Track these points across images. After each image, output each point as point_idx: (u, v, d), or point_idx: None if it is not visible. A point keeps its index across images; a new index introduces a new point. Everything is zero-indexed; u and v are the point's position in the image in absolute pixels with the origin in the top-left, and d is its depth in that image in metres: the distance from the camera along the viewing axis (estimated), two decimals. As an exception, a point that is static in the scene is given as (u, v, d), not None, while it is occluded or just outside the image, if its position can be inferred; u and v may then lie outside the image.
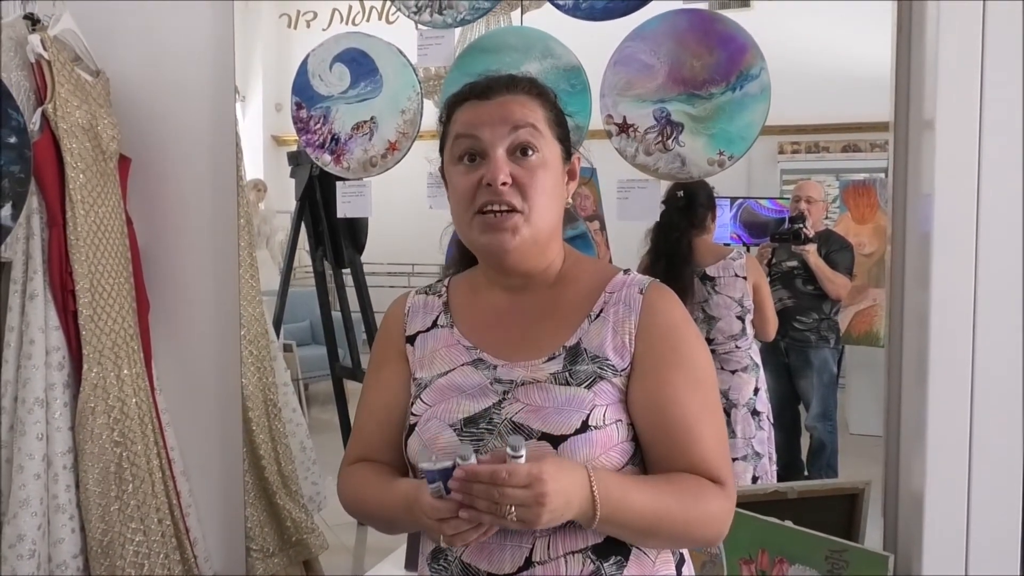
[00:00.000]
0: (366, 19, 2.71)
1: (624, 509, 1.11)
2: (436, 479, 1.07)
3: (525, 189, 1.20)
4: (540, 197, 1.21)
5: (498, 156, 1.20)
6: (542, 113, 1.25)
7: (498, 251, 1.22)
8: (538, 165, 1.21)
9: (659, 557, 1.23)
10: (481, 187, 1.20)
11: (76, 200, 2.18)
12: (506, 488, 1.03)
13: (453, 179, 1.25)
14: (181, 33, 2.43)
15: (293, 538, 2.55)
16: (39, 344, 2.14)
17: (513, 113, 1.21)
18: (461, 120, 1.24)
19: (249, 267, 2.51)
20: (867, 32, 2.31)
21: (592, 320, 1.24)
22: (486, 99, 1.23)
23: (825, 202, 2.64)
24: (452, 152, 1.25)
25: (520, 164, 1.21)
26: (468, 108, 1.25)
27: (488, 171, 1.19)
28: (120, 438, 2.24)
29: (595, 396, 1.17)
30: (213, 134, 2.44)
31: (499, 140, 1.20)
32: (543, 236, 1.24)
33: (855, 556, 1.82)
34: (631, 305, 1.24)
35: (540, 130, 1.23)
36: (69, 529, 2.14)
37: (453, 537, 1.09)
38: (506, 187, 1.19)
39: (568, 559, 1.16)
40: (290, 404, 2.69)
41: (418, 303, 1.38)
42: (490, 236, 1.21)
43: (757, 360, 2.50)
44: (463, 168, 1.23)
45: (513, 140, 1.21)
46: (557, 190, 1.25)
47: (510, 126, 1.21)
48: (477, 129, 1.21)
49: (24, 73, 2.19)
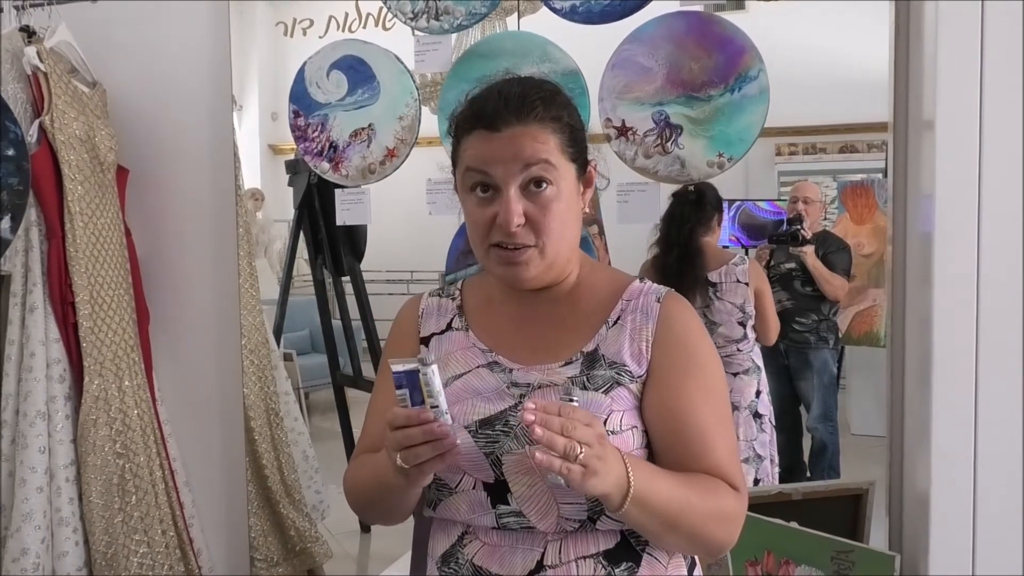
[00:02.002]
0: (363, 26, 2.69)
1: (652, 492, 1.09)
2: (402, 383, 1.06)
3: (539, 225, 1.19)
4: (554, 230, 1.20)
5: (511, 196, 1.18)
6: (555, 141, 1.20)
7: (513, 283, 1.23)
8: (552, 198, 1.20)
9: (672, 561, 1.23)
10: (496, 225, 1.19)
11: (75, 212, 2.18)
12: (576, 422, 1.01)
13: (467, 206, 1.24)
14: (177, 43, 2.43)
15: (297, 547, 2.54)
16: (40, 357, 2.14)
17: (524, 149, 1.18)
18: (471, 153, 1.21)
19: (249, 276, 2.50)
20: (863, 33, 2.30)
21: (610, 327, 1.25)
22: (495, 131, 1.19)
23: (823, 203, 2.63)
24: (464, 182, 1.23)
25: (533, 199, 1.19)
26: (477, 140, 1.21)
27: (501, 212, 1.18)
28: (122, 450, 2.23)
29: (612, 401, 1.18)
30: (210, 144, 2.44)
31: (511, 178, 1.18)
32: (560, 261, 1.24)
33: (861, 556, 1.82)
34: (648, 313, 1.24)
35: (553, 163, 1.19)
36: (73, 542, 2.14)
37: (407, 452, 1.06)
38: (519, 229, 1.18)
39: (579, 564, 1.16)
40: (292, 413, 2.69)
41: (432, 305, 1.37)
42: (505, 269, 1.22)
43: (759, 362, 2.49)
44: (476, 199, 1.22)
45: (526, 177, 1.19)
46: (573, 213, 1.24)
47: (522, 163, 1.18)
48: (488, 166, 1.19)
49: (21, 85, 2.19)
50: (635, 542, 1.19)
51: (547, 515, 1.16)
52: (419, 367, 1.05)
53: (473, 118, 1.22)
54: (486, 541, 1.20)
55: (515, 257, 1.20)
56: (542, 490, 1.15)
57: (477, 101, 1.23)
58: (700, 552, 1.28)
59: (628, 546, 1.19)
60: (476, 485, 1.19)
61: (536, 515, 1.16)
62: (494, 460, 1.17)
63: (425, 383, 1.05)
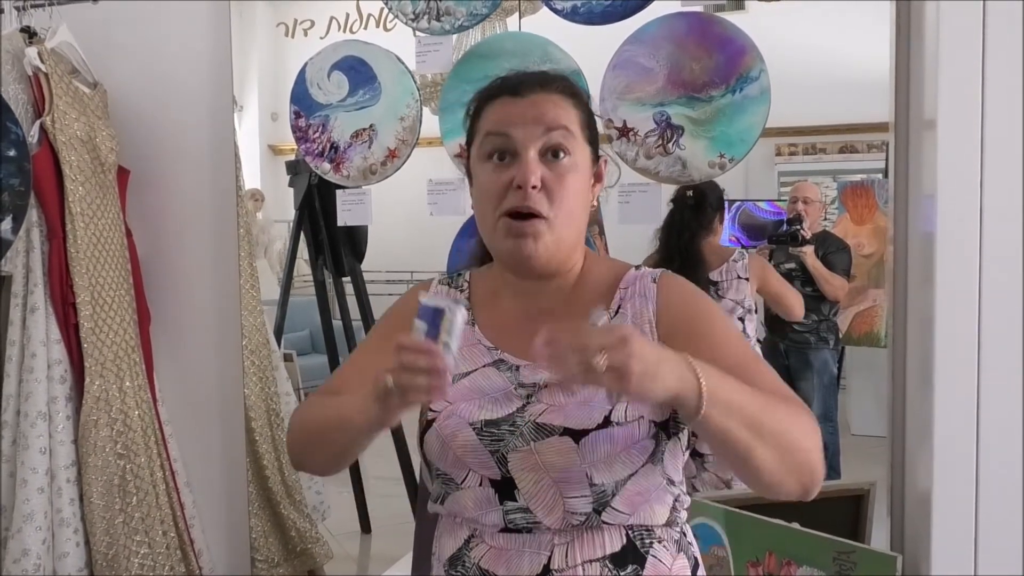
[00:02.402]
0: (364, 27, 2.70)
1: (728, 388, 1.03)
2: (426, 317, 1.05)
3: (553, 194, 1.18)
4: (567, 203, 1.20)
5: (530, 158, 1.18)
6: (575, 114, 1.22)
7: (520, 257, 1.21)
8: (569, 169, 1.20)
9: (676, 563, 1.22)
10: (511, 189, 1.18)
11: (75, 212, 2.18)
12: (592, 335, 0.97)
13: (481, 177, 1.24)
14: (178, 44, 2.43)
15: (298, 548, 2.55)
16: (41, 358, 2.13)
17: (547, 113, 1.19)
18: (492, 117, 1.22)
19: (249, 277, 2.50)
20: (864, 33, 2.31)
21: (612, 317, 1.24)
22: (519, 96, 1.21)
23: (822, 203, 2.64)
24: (481, 149, 1.23)
25: (551, 167, 1.19)
26: (499, 105, 1.22)
27: (519, 172, 1.17)
28: (123, 450, 2.23)
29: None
30: (211, 144, 2.44)
31: (532, 141, 1.18)
32: (567, 243, 1.23)
33: (863, 557, 1.81)
34: (647, 295, 1.24)
35: (573, 132, 1.20)
36: (73, 543, 2.13)
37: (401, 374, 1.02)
38: (535, 191, 1.17)
39: (586, 567, 1.16)
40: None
41: (442, 293, 1.36)
42: (513, 242, 1.20)
43: (760, 362, 2.50)
44: (492, 166, 1.21)
45: (546, 142, 1.19)
46: (584, 196, 1.24)
47: (543, 127, 1.18)
48: (509, 128, 1.19)
49: (22, 86, 2.19)
50: (640, 544, 1.19)
51: (553, 510, 1.16)
52: (447, 308, 1.05)
53: (497, 88, 1.24)
54: (492, 544, 1.19)
55: (525, 228, 1.18)
56: (548, 485, 1.15)
57: (500, 77, 1.25)
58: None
59: (633, 547, 1.18)
60: (482, 482, 1.18)
61: (543, 511, 1.16)
62: (499, 458, 1.17)
63: (447, 323, 1.05)
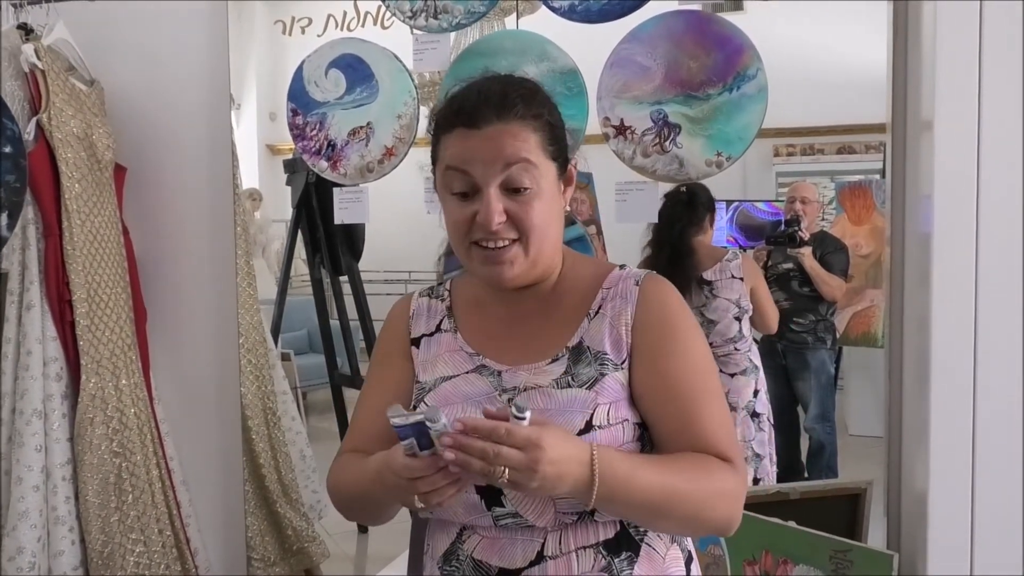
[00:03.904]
0: (361, 24, 2.69)
1: (630, 488, 1.08)
2: (409, 435, 1.04)
3: (520, 223, 1.18)
4: (536, 228, 1.19)
5: (491, 195, 1.17)
6: (535, 140, 1.20)
7: (496, 283, 1.23)
8: (533, 198, 1.19)
9: (669, 553, 1.22)
10: (476, 223, 1.18)
11: (72, 210, 2.17)
12: (502, 448, 1.00)
13: (446, 207, 1.24)
14: (175, 41, 2.43)
15: (294, 547, 2.54)
16: (36, 355, 2.13)
17: (504, 149, 1.17)
18: (451, 152, 1.20)
19: (246, 275, 2.50)
20: (862, 34, 2.31)
21: (591, 318, 1.25)
22: (475, 128, 1.17)
23: (820, 203, 2.64)
24: (443, 180, 1.22)
25: (514, 199, 1.18)
26: (457, 138, 1.19)
27: (481, 211, 1.17)
28: (119, 448, 2.23)
29: (597, 395, 1.17)
30: (208, 142, 2.44)
31: (491, 177, 1.17)
32: (544, 256, 1.24)
33: (859, 555, 1.82)
34: (627, 297, 1.24)
35: (534, 162, 1.18)
36: (69, 541, 2.13)
37: (429, 495, 1.06)
38: (500, 226, 1.18)
39: (579, 554, 1.16)
40: (289, 412, 2.68)
41: (422, 306, 1.37)
42: (488, 268, 1.21)
43: (756, 362, 2.49)
44: (456, 200, 1.21)
45: (506, 179, 1.18)
46: (555, 212, 1.24)
47: (502, 163, 1.17)
48: (468, 165, 1.18)
49: (18, 83, 2.19)
50: (634, 532, 1.19)
51: (544, 513, 1.16)
52: (425, 418, 1.03)
53: (453, 115, 1.21)
54: (485, 535, 1.20)
55: (498, 256, 1.19)
56: None
57: (457, 99, 1.22)
58: (702, 533, 1.28)
59: (627, 536, 1.19)
60: (468, 488, 1.17)
61: (533, 514, 1.16)
62: None
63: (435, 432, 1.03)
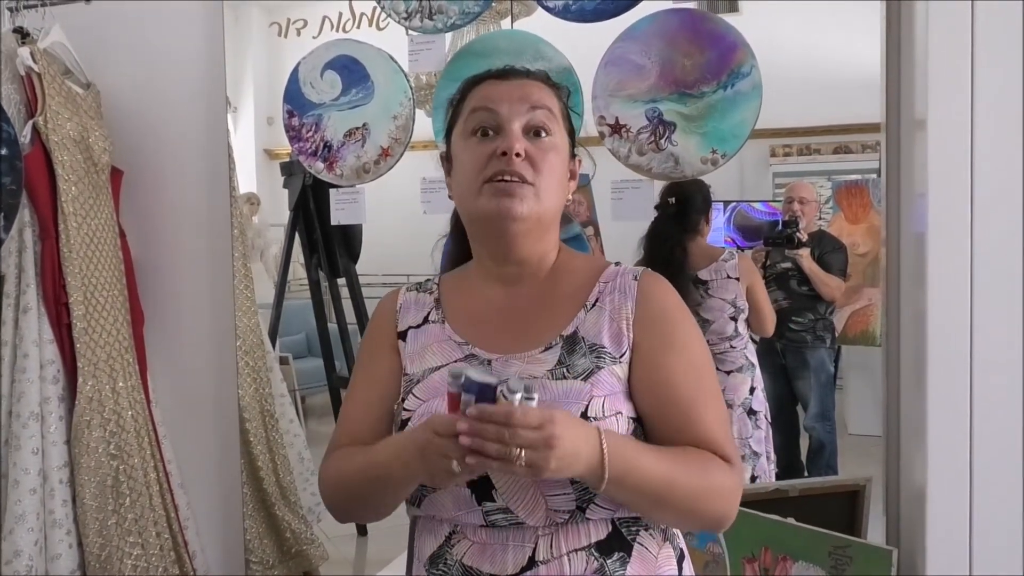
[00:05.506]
0: (356, 26, 2.69)
1: (634, 472, 1.09)
2: (473, 391, 1.03)
3: (537, 165, 1.22)
4: (550, 176, 1.23)
5: (514, 129, 1.22)
6: (557, 103, 1.28)
7: (506, 216, 1.21)
8: (551, 147, 1.24)
9: (661, 552, 1.21)
10: (494, 157, 1.21)
11: (68, 212, 2.17)
12: (518, 428, 1.00)
13: (463, 154, 1.26)
14: (171, 44, 2.44)
15: (293, 549, 2.54)
16: (33, 358, 2.13)
17: (531, 94, 1.25)
18: (479, 95, 1.27)
19: (244, 278, 2.50)
20: (856, 34, 2.31)
21: (588, 310, 1.25)
22: (505, 79, 1.27)
23: (817, 202, 2.64)
24: (466, 126, 1.27)
25: (534, 143, 1.23)
26: (486, 86, 1.28)
27: (503, 142, 1.21)
28: (116, 451, 2.23)
29: (593, 387, 1.17)
30: (205, 145, 2.44)
31: (516, 116, 1.23)
32: (547, 217, 1.25)
33: (858, 552, 1.81)
34: (626, 292, 1.25)
35: (555, 115, 1.26)
36: (66, 544, 2.13)
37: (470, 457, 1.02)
38: (519, 159, 1.20)
39: (571, 557, 1.14)
40: (287, 415, 2.68)
41: (409, 299, 1.37)
42: (499, 201, 1.20)
43: (753, 359, 2.49)
44: (476, 141, 1.24)
45: (530, 119, 1.23)
46: (563, 178, 1.28)
47: (528, 104, 1.23)
48: (495, 103, 1.24)
49: (15, 86, 2.19)
50: (626, 532, 1.18)
51: (535, 510, 1.14)
52: (497, 383, 1.03)
53: (484, 74, 1.31)
54: (475, 540, 1.18)
55: (511, 189, 1.20)
56: (526, 484, 1.13)
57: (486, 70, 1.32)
58: (698, 527, 1.29)
59: (619, 536, 1.17)
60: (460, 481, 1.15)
61: (524, 511, 1.14)
62: None
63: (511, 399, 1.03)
